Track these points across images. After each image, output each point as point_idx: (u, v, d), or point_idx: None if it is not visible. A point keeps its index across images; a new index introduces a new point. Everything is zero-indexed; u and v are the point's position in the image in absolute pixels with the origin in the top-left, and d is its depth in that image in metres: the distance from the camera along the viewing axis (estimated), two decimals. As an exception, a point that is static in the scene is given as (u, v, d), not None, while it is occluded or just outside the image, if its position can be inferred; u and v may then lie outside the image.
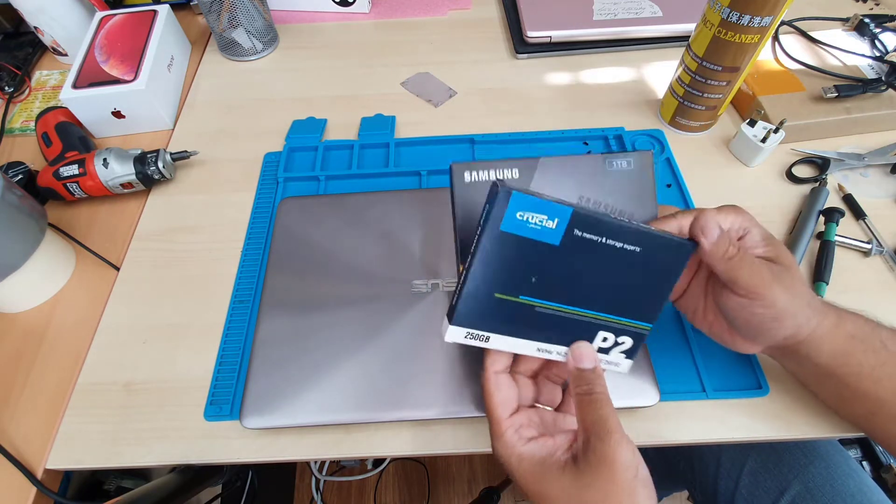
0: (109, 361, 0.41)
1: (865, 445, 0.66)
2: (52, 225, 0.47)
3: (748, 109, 0.54)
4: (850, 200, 0.48)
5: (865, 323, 0.31)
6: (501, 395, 0.30)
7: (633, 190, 0.33)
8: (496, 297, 0.28)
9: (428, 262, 0.42)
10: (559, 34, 0.62)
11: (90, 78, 0.53)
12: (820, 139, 0.53)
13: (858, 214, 0.47)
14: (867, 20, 0.59)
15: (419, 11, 0.71)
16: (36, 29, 0.61)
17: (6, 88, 0.61)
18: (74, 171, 0.47)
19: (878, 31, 0.59)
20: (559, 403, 0.33)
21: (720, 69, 0.47)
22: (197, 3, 0.64)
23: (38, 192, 0.49)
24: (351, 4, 0.70)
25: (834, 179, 0.50)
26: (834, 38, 0.58)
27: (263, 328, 0.39)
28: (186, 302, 0.44)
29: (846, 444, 0.64)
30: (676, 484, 0.73)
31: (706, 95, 0.50)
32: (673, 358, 0.39)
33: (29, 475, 0.36)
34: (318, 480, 1.02)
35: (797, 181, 0.50)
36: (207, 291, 0.45)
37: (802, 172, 0.50)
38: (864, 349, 0.31)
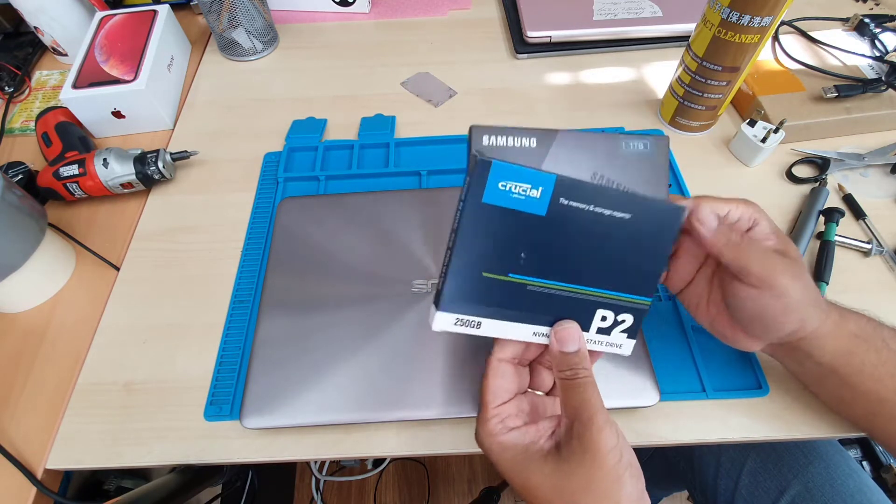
0: (109, 361, 0.41)
1: (865, 445, 0.66)
2: (52, 225, 0.47)
3: (748, 109, 0.54)
4: (850, 200, 0.48)
5: (868, 322, 0.31)
6: (497, 383, 0.29)
7: (646, 173, 0.32)
8: (484, 276, 0.27)
9: (428, 262, 0.42)
10: (559, 34, 0.62)
11: (90, 78, 0.53)
12: (820, 139, 0.53)
13: (858, 214, 0.47)
14: (867, 20, 0.59)
15: (419, 11, 0.71)
16: (36, 29, 0.61)
17: (6, 88, 0.61)
18: (74, 171, 0.47)
19: (878, 31, 0.59)
20: (550, 388, 0.32)
21: (720, 69, 0.47)
22: (197, 3, 0.64)
23: (38, 192, 0.49)
24: (351, 4, 0.70)
25: (834, 179, 0.50)
26: (834, 38, 0.58)
27: (263, 328, 0.39)
28: (186, 302, 0.44)
29: (846, 444, 0.64)
30: (676, 484, 0.73)
31: (706, 95, 0.50)
32: (673, 358, 0.39)
33: (29, 475, 0.36)
34: (318, 480, 1.03)
35: (797, 181, 0.50)
36: (207, 291, 0.45)
37: (802, 172, 0.50)
38: (866, 348, 0.30)
